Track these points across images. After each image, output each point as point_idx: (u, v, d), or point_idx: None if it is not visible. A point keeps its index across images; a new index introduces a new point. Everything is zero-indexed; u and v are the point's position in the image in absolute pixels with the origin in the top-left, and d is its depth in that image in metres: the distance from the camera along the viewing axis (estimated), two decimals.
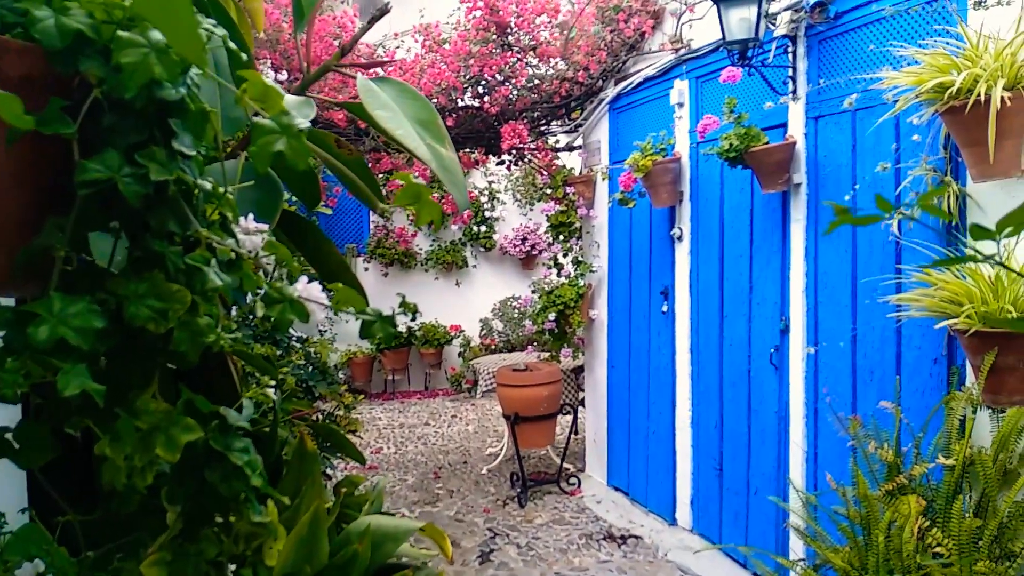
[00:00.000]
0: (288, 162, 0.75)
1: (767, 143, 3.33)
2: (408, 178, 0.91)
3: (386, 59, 4.52)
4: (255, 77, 0.77)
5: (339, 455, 4.27)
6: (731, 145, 3.36)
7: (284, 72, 4.72)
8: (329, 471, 4.11)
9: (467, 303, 9.03)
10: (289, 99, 1.48)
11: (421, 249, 9.01)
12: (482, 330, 8.87)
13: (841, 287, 3.18)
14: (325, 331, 7.52)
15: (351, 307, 0.85)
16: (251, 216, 0.94)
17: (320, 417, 4.23)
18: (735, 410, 3.88)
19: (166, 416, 0.77)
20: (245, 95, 0.77)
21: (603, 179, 4.42)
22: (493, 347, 8.70)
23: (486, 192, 8.93)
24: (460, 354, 8.91)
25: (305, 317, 0.81)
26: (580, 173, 5.45)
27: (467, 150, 5.84)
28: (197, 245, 0.81)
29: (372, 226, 8.81)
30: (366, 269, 8.91)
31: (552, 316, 5.15)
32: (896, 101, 2.53)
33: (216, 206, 0.90)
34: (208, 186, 0.83)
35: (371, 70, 4.44)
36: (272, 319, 0.78)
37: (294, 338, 3.98)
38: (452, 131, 5.13)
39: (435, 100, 4.93)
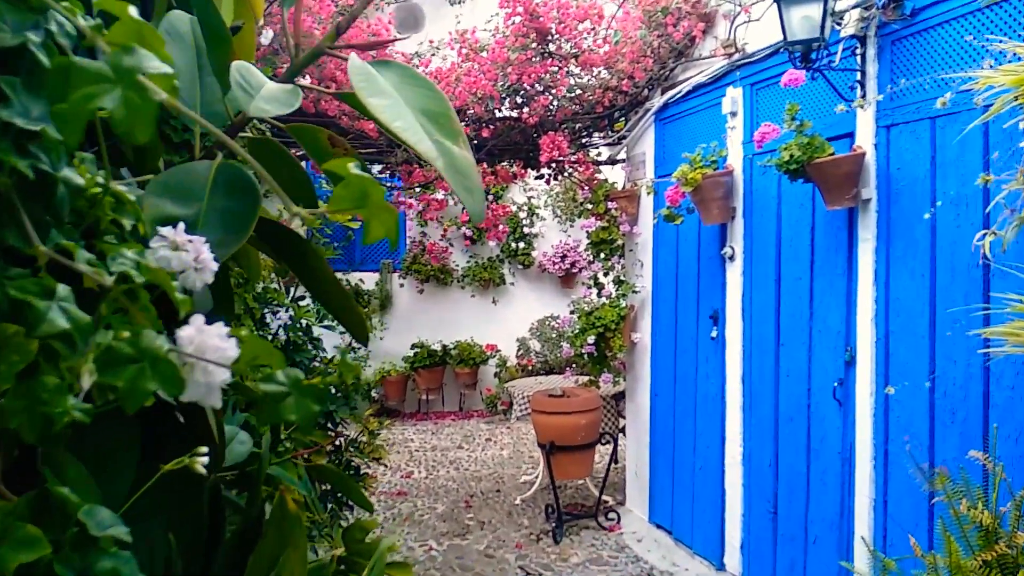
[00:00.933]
0: (119, 127, 0.47)
1: (833, 154, 3.00)
2: (346, 168, 0.64)
3: (389, 39, 4.26)
4: (122, 9, 0.50)
5: (362, 484, 4.02)
6: (792, 156, 3.04)
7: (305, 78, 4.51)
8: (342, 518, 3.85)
9: (504, 322, 8.75)
10: (271, 86, 1.21)
11: (458, 265, 8.78)
12: (519, 350, 8.58)
13: (917, 316, 2.82)
14: (357, 350, 7.31)
15: (260, 363, 0.57)
16: (181, 226, 0.67)
17: (343, 443, 3.98)
18: (792, 448, 3.52)
19: None
20: (102, 36, 0.49)
21: (648, 193, 4.12)
22: (530, 368, 8.40)
23: (525, 208, 8.67)
24: (496, 375, 8.63)
25: (178, 385, 0.52)
26: (623, 187, 5.15)
27: (504, 163, 5.60)
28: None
29: (408, 241, 8.61)
30: (401, 286, 8.70)
31: (591, 339, 4.84)
32: (988, 106, 2.19)
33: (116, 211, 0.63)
34: (78, 180, 0.57)
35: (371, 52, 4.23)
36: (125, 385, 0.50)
37: (317, 359, 3.74)
38: (488, 143, 4.89)
39: (471, 110, 4.70)
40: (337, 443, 3.99)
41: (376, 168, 5.72)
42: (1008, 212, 2.37)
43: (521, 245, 8.66)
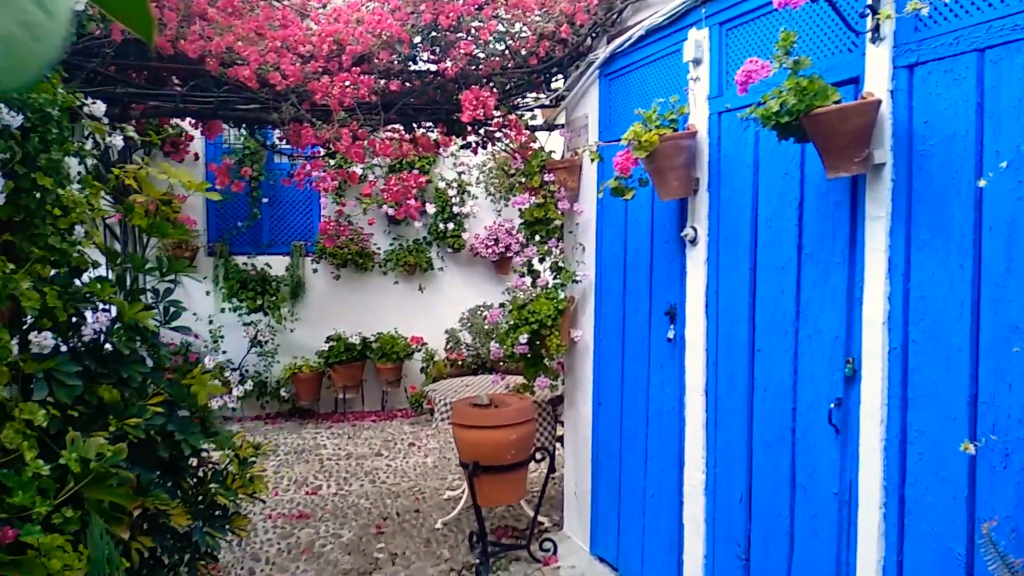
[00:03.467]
0: None
1: (839, 102, 2.24)
2: None
3: None
4: None
5: (229, 527, 3.16)
6: (785, 105, 2.27)
7: None
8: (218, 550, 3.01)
9: (431, 311, 7.90)
10: None
11: (380, 248, 7.87)
12: (448, 343, 7.75)
13: (951, 320, 2.10)
14: (204, 354, 6.40)
15: None
16: None
17: (205, 474, 3.11)
18: (771, 481, 2.79)
19: None
20: None
21: (592, 161, 3.33)
22: (460, 362, 7.58)
23: (455, 184, 7.80)
24: (423, 370, 7.78)
25: None
26: (562, 157, 4.35)
27: (423, 130, 4.74)
28: None
29: (323, 221, 7.65)
30: (315, 271, 7.76)
31: (524, 337, 4.04)
32: None
33: None
34: None
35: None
36: None
37: (158, 369, 2.84)
38: (399, 101, 4.02)
39: (377, 58, 3.82)
40: (199, 475, 3.11)
41: (276, 135, 4.81)
42: None
43: (451, 226, 7.81)
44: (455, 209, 7.74)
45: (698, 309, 3.18)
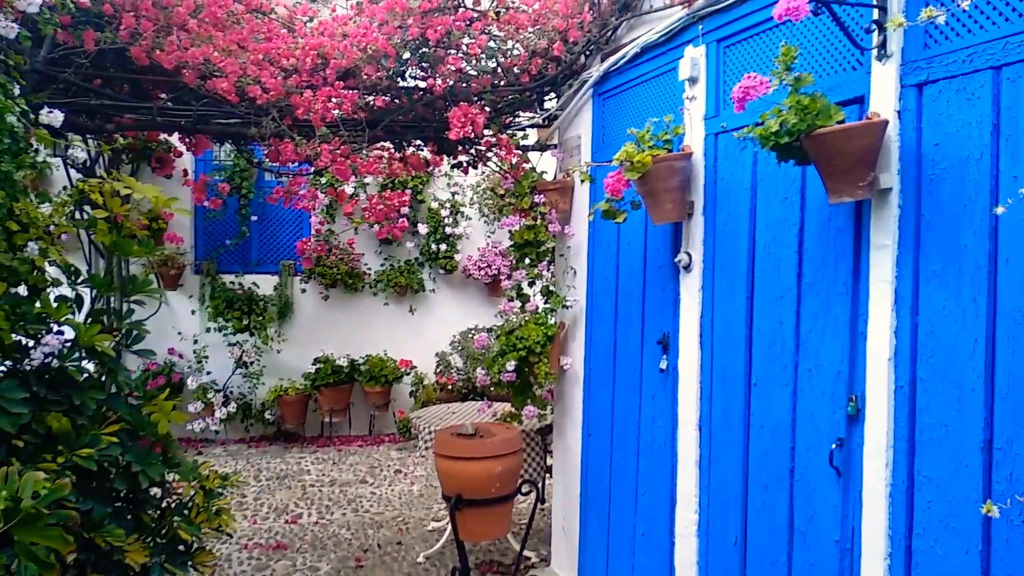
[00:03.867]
0: None
1: (843, 122, 2.10)
2: None
3: None
4: None
5: (192, 564, 2.98)
6: (785, 125, 2.13)
7: None
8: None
9: (422, 334, 7.73)
10: None
11: (371, 269, 7.72)
12: (438, 366, 7.57)
13: (963, 356, 1.94)
14: (187, 375, 6.26)
15: None
16: None
17: (168, 506, 2.92)
18: (767, 525, 2.62)
19: None
20: None
21: (583, 181, 3.18)
22: (451, 387, 7.40)
23: (447, 205, 7.66)
24: (412, 394, 7.60)
25: None
26: (555, 178, 4.21)
27: (413, 149, 4.61)
28: None
29: (313, 240, 7.49)
30: (303, 291, 7.60)
31: (512, 364, 3.87)
32: None
33: None
34: None
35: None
36: None
37: (121, 393, 2.67)
38: (384, 118, 3.88)
39: (364, 73, 3.69)
40: (162, 506, 2.93)
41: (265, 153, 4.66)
42: None
43: (443, 247, 7.66)
44: (448, 230, 7.60)
45: (692, 339, 3.02)
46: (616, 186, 2.97)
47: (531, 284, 4.15)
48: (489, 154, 4.32)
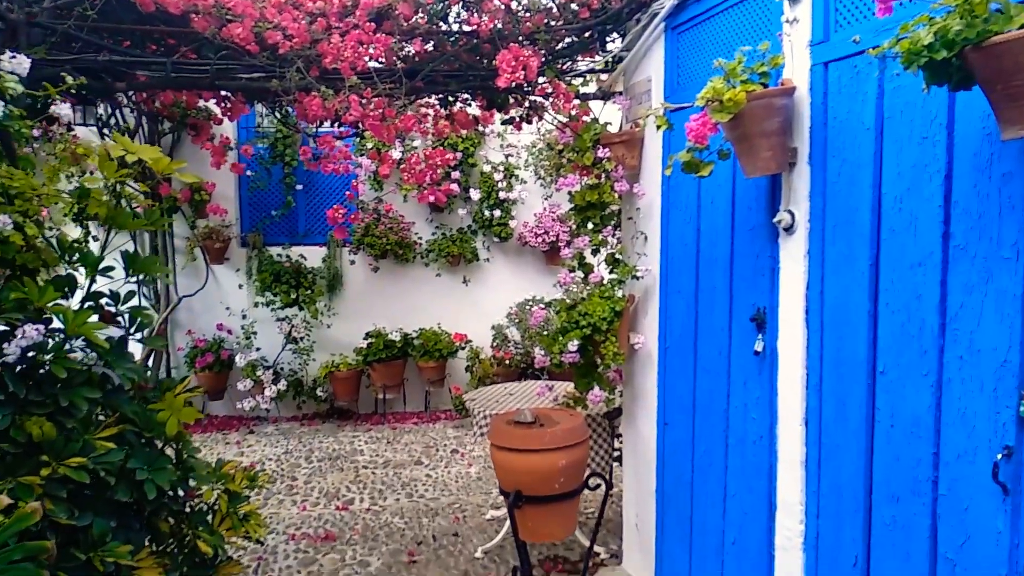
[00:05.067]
0: None
1: None
2: None
3: None
4: None
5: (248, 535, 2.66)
6: (939, 35, 1.58)
7: None
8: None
9: (477, 305, 7.31)
10: None
11: (421, 238, 7.31)
12: (495, 340, 7.15)
13: None
14: (236, 351, 5.92)
15: None
16: None
17: (191, 510, 2.57)
18: (900, 547, 2.11)
19: None
20: None
21: (659, 128, 2.64)
22: (508, 361, 6.98)
23: (501, 168, 7.17)
24: (468, 368, 7.21)
25: None
26: (620, 129, 3.68)
27: (460, 104, 4.14)
28: None
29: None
30: (352, 262, 7.25)
31: (574, 343, 3.40)
32: None
33: None
34: None
35: None
36: None
37: (119, 390, 2.29)
38: (423, 67, 3.41)
39: (400, 15, 3.22)
40: (186, 509, 2.58)
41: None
42: None
43: (497, 213, 7.19)
44: (502, 195, 7.12)
45: (796, 316, 2.50)
46: (701, 131, 2.44)
47: (595, 252, 3.65)
48: (544, 104, 3.81)
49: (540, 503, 3.39)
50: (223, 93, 4.04)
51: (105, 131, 6.28)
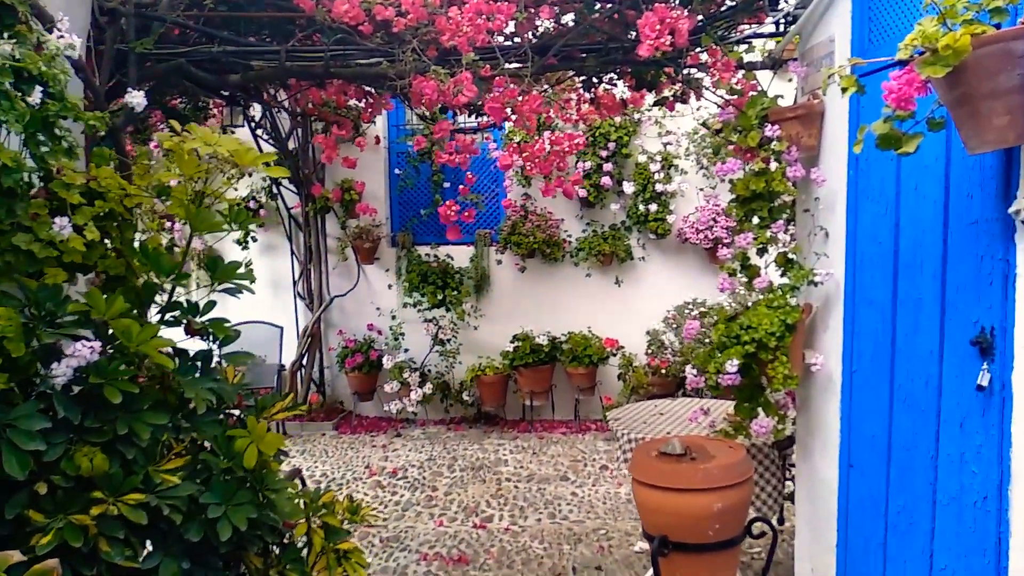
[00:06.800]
0: None
1: None
2: None
3: None
4: None
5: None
6: None
7: None
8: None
9: (630, 309, 6.77)
10: None
11: (571, 236, 6.88)
12: (649, 347, 6.58)
13: None
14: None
15: None
16: None
17: (288, 545, 2.31)
18: None
19: None
20: None
21: (845, 92, 2.01)
22: (664, 371, 6.38)
23: (658, 158, 6.58)
24: (620, 376, 6.68)
25: None
26: (795, 103, 3.05)
27: (605, 85, 3.68)
28: None
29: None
30: (499, 262, 6.94)
31: (735, 363, 2.83)
32: None
33: None
34: None
35: None
36: None
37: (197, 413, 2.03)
38: (555, 42, 2.97)
39: None
40: (274, 545, 2.32)
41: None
42: None
43: (653, 208, 6.60)
44: (659, 187, 6.53)
45: None
46: (904, 92, 1.82)
47: (761, 252, 3.05)
48: (702, 79, 3.25)
49: (690, 551, 2.84)
50: (366, 89, 3.84)
51: (259, 132, 6.37)
